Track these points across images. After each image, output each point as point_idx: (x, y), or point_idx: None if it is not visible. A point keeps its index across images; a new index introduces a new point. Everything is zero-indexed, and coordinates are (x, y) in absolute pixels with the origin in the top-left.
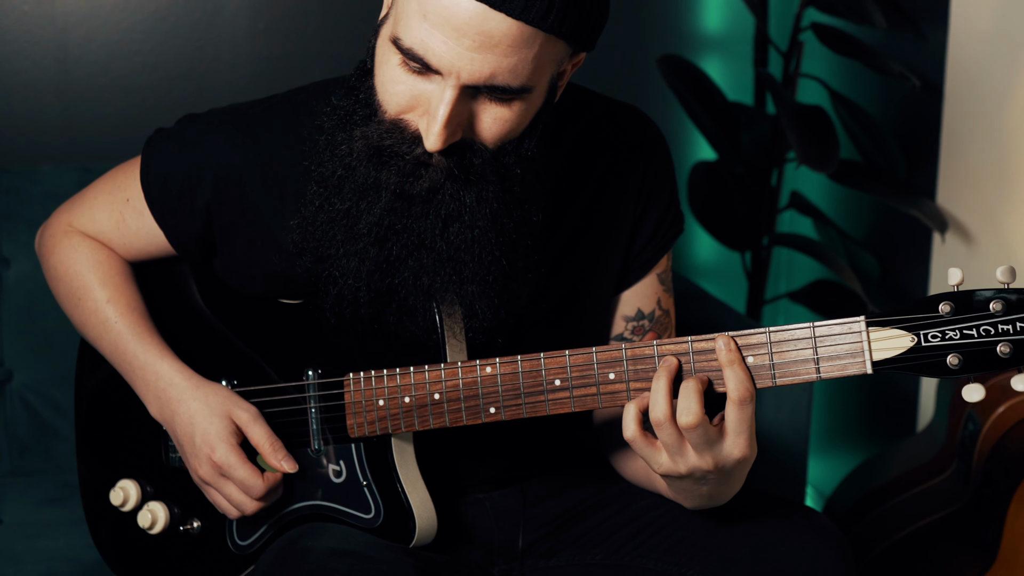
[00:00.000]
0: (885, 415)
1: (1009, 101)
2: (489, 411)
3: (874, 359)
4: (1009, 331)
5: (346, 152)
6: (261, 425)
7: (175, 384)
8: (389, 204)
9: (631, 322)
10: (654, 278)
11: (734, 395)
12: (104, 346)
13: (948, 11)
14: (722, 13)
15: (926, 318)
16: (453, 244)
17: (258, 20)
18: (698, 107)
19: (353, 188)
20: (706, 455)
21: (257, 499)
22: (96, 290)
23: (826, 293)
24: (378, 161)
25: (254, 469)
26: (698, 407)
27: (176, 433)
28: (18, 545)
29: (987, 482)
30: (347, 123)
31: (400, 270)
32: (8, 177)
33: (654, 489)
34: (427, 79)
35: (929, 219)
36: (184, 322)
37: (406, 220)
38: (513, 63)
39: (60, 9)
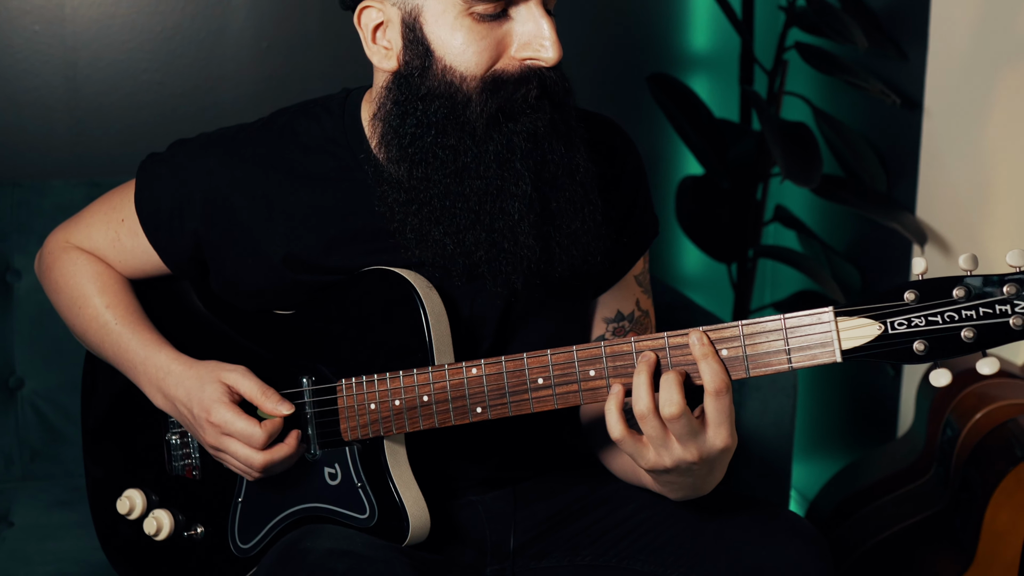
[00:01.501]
0: (866, 421)
1: (986, 118)
2: (476, 411)
3: (843, 348)
4: (972, 316)
5: (470, 137)
6: (250, 378)
7: (172, 371)
8: (531, 151)
9: (611, 323)
10: (631, 280)
11: (710, 387)
12: (106, 349)
13: (927, 31)
14: (709, 33)
15: (892, 306)
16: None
17: (261, 40)
18: (686, 123)
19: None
20: (690, 446)
21: (260, 448)
22: (95, 298)
23: (809, 303)
24: (506, 117)
25: (251, 420)
26: (679, 397)
27: (180, 413)
28: (29, 547)
29: (965, 486)
30: (433, 123)
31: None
32: (19, 191)
33: (640, 483)
34: (501, 22)
35: (909, 232)
36: (185, 335)
37: (546, 157)
38: None
39: (70, 29)
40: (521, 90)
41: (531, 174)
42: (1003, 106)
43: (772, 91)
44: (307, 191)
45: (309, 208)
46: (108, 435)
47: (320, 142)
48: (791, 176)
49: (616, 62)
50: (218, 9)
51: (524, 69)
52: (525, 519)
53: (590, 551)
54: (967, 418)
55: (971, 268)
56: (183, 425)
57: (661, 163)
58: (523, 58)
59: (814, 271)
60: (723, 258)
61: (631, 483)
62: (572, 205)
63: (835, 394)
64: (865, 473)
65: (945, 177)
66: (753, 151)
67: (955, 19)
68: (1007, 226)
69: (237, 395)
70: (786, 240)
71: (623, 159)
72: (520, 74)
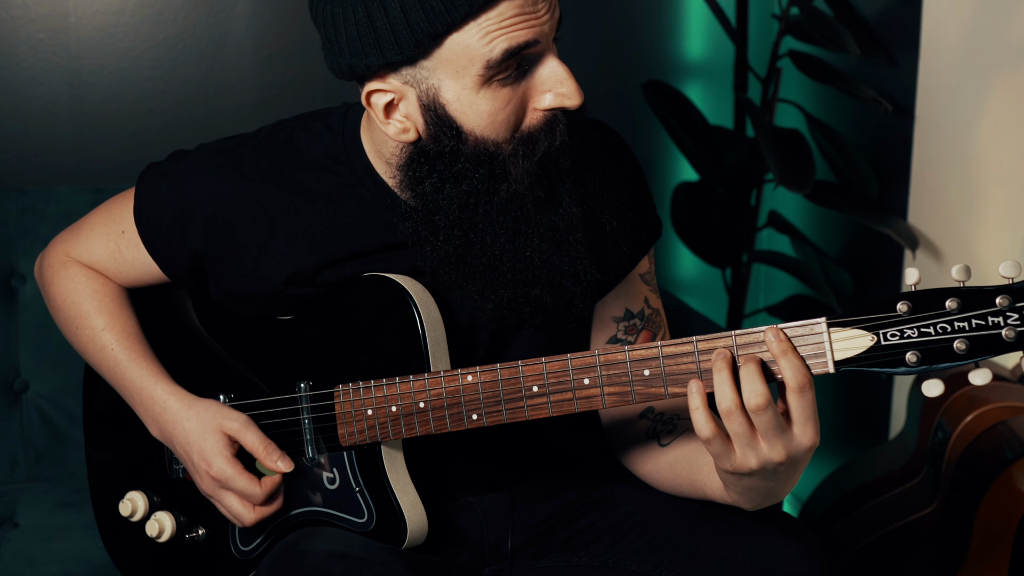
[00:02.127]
0: (859, 423)
1: (977, 125)
2: (471, 417)
3: (836, 359)
4: (965, 328)
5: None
6: (252, 431)
7: (169, 407)
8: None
9: (621, 322)
10: (637, 279)
11: (793, 383)
12: (104, 370)
13: (919, 39)
14: (704, 41)
15: (885, 318)
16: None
17: (262, 48)
18: (681, 130)
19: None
20: (777, 444)
21: (258, 505)
22: (93, 318)
23: (803, 307)
24: (545, 169)
25: (251, 478)
26: (763, 387)
27: (177, 452)
28: (34, 547)
29: (956, 487)
30: (480, 190)
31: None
32: (24, 197)
33: (701, 494)
34: (520, 79)
35: (901, 237)
36: (181, 341)
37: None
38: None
39: (74, 37)
40: (553, 140)
41: (578, 206)
42: (993, 113)
43: (766, 98)
44: (307, 208)
45: (309, 224)
46: (110, 437)
47: (320, 159)
48: (785, 182)
49: (612, 70)
50: (220, 18)
51: (549, 117)
52: (522, 520)
53: (586, 552)
54: (958, 421)
55: (964, 279)
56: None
57: (656, 169)
58: (547, 107)
59: (807, 276)
60: (718, 263)
61: (683, 495)
62: (612, 209)
63: (828, 397)
64: (857, 475)
65: (936, 183)
66: (747, 157)
67: (946, 28)
68: (997, 231)
69: (237, 446)
70: (780, 245)
71: (618, 160)
72: (546, 123)
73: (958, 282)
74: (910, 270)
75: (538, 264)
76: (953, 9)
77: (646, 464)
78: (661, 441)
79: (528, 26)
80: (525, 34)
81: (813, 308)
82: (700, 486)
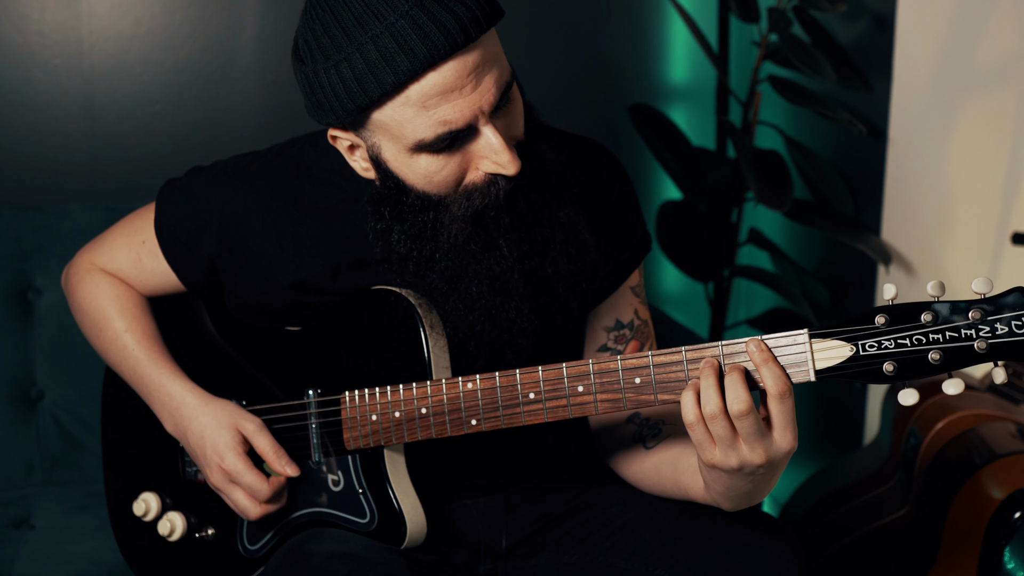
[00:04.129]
0: (835, 430)
1: (947, 146)
2: (471, 423)
3: (817, 368)
4: (939, 340)
5: (451, 240)
6: (265, 435)
7: (187, 403)
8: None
9: (611, 332)
10: (627, 291)
11: (773, 390)
12: (124, 370)
13: (891, 64)
14: (687, 66)
15: (864, 329)
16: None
17: (266, 73)
18: (665, 151)
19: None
20: (757, 448)
21: (264, 502)
22: (115, 321)
23: (781, 320)
24: (480, 221)
25: (260, 475)
26: (746, 394)
27: (190, 446)
28: (49, 548)
29: (928, 491)
30: (425, 235)
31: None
32: (40, 215)
33: (684, 495)
34: (458, 148)
35: (874, 252)
36: (198, 348)
37: (530, 241)
38: (498, 63)
39: (88, 63)
40: (490, 196)
41: (517, 258)
42: (962, 135)
43: (746, 121)
44: (315, 220)
45: (316, 236)
46: (126, 442)
47: (327, 174)
48: (764, 200)
49: (600, 93)
50: (226, 45)
51: (489, 178)
52: (516, 521)
53: (577, 550)
54: (929, 428)
55: (939, 294)
56: (189, 455)
57: (642, 188)
58: (486, 171)
59: (786, 289)
60: (700, 277)
61: (667, 496)
62: (567, 256)
63: (806, 405)
64: (834, 479)
65: (908, 201)
66: (728, 177)
67: (917, 53)
68: (966, 246)
69: (249, 445)
70: (759, 260)
71: (610, 178)
72: (485, 184)
73: (933, 297)
74: (888, 286)
75: (481, 306)
76: (924, 36)
77: (632, 466)
78: (647, 444)
79: (455, 108)
80: (452, 115)
81: (791, 320)
82: (683, 487)
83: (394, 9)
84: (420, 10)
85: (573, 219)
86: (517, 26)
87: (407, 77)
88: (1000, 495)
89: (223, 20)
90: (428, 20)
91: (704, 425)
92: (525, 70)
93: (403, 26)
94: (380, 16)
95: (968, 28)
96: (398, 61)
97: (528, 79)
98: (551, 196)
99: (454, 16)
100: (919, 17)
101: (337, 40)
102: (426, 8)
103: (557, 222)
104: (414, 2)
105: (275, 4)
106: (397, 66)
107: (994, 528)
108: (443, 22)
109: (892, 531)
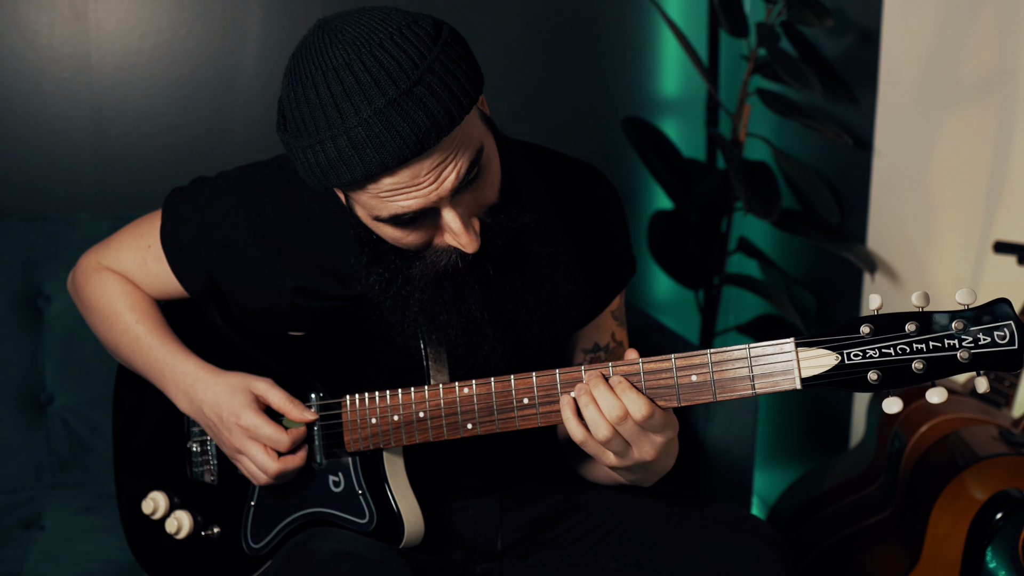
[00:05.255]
0: (822, 433)
1: (931, 157)
2: (467, 427)
3: (803, 376)
4: (923, 349)
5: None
6: (278, 390)
7: (200, 378)
8: (480, 299)
9: (589, 354)
10: (608, 316)
11: (638, 415)
12: (136, 360)
13: (877, 77)
14: (678, 79)
15: (849, 339)
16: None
17: (269, 86)
18: (657, 163)
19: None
20: (644, 445)
21: (283, 454)
22: (126, 314)
23: (770, 326)
24: (447, 278)
25: (278, 427)
26: (618, 401)
27: (206, 417)
28: (59, 548)
29: (911, 492)
30: (398, 280)
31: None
32: (50, 224)
33: (617, 483)
34: (420, 224)
35: (860, 261)
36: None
37: (500, 292)
38: (463, 148)
39: (96, 77)
40: (452, 260)
41: (487, 311)
42: (945, 146)
43: (736, 133)
44: (314, 230)
45: (316, 245)
46: (137, 445)
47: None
48: (753, 210)
49: (594, 106)
50: (230, 60)
51: (453, 247)
52: (511, 522)
53: (570, 551)
54: (913, 431)
55: (923, 304)
56: (205, 429)
57: (635, 198)
58: (449, 243)
59: (774, 297)
60: (691, 285)
61: (609, 484)
62: (539, 301)
63: (793, 409)
64: (821, 481)
65: (893, 211)
66: (718, 187)
67: (902, 67)
68: (949, 254)
69: (264, 404)
70: (748, 269)
71: (605, 207)
72: (450, 250)
73: (918, 307)
74: (873, 296)
75: (460, 347)
76: (908, 50)
77: (587, 468)
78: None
79: (411, 199)
80: (408, 203)
81: (779, 326)
82: (615, 477)
83: (358, 112)
84: (378, 119)
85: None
86: (515, 41)
87: (362, 177)
88: (982, 496)
89: (227, 35)
90: (385, 130)
91: (593, 440)
92: (521, 84)
93: (359, 134)
94: (344, 116)
95: (951, 43)
96: (354, 163)
97: (525, 93)
98: (529, 240)
99: (412, 126)
100: (904, 32)
101: (308, 126)
102: (385, 118)
103: (529, 272)
104: (379, 107)
105: (277, 20)
106: (353, 167)
107: (976, 528)
108: (400, 132)
109: (876, 532)
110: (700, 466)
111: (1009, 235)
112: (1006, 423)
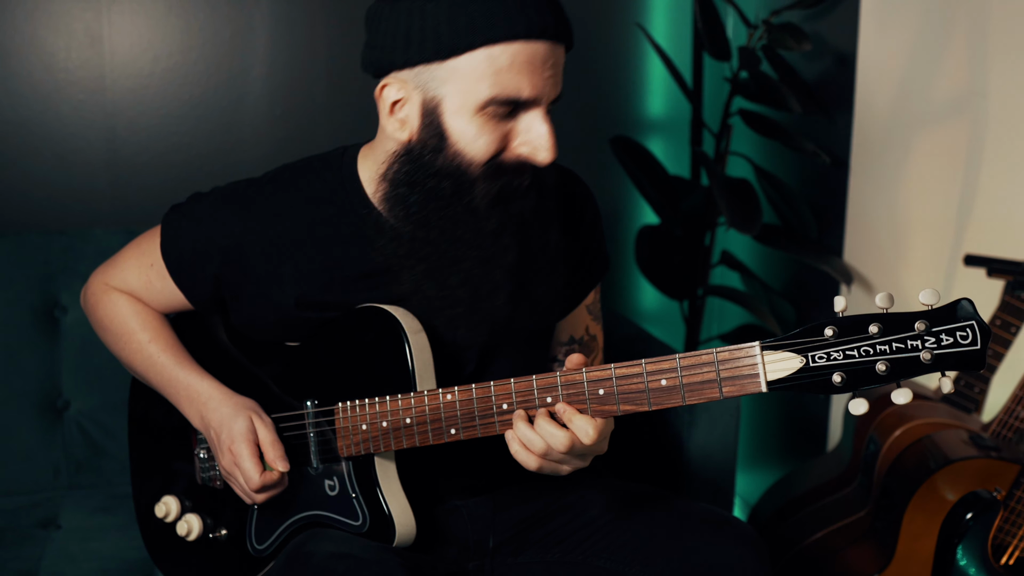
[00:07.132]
0: (801, 437)
1: (904, 174)
2: (450, 432)
3: (768, 379)
4: (886, 351)
5: (471, 213)
6: (269, 430)
7: (213, 397)
8: (518, 230)
9: (564, 346)
10: (583, 310)
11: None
12: (151, 376)
13: (853, 99)
14: (664, 100)
15: (813, 341)
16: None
17: (275, 107)
18: (644, 179)
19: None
20: (573, 459)
21: (254, 490)
22: (138, 333)
23: (751, 335)
24: (503, 200)
25: (257, 463)
26: (559, 431)
27: (211, 434)
28: (74, 547)
29: (886, 494)
30: (441, 198)
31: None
32: (66, 238)
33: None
34: (509, 120)
35: (837, 273)
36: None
37: (529, 234)
38: (561, 78)
39: (110, 98)
40: (517, 179)
41: (516, 249)
42: (918, 164)
43: (719, 151)
44: (311, 238)
45: (313, 253)
46: (149, 451)
47: (322, 193)
48: (735, 225)
49: (583, 125)
50: (238, 82)
51: (521, 160)
52: (502, 522)
53: (559, 549)
54: (887, 435)
55: (887, 306)
56: (209, 445)
57: (622, 214)
58: (521, 153)
59: (755, 307)
60: (676, 296)
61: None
62: (541, 276)
63: (773, 413)
64: (799, 482)
65: (868, 225)
66: (702, 203)
67: (877, 89)
68: (922, 267)
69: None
70: (731, 280)
71: (583, 207)
72: (517, 164)
73: (881, 309)
74: (837, 298)
75: (467, 271)
76: (883, 73)
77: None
78: None
79: (531, 82)
80: (526, 86)
81: (761, 335)
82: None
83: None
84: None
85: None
86: None
87: (514, 36)
88: (953, 497)
89: (235, 58)
90: (546, 3)
91: (544, 459)
92: None
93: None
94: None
95: (924, 66)
96: (516, 20)
97: None
98: (549, 215)
99: (557, 17)
100: (878, 56)
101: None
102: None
103: (546, 242)
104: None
105: (283, 43)
106: (514, 23)
107: (948, 528)
108: (553, 11)
109: (852, 531)
110: (684, 468)
111: (978, 248)
112: (976, 427)
